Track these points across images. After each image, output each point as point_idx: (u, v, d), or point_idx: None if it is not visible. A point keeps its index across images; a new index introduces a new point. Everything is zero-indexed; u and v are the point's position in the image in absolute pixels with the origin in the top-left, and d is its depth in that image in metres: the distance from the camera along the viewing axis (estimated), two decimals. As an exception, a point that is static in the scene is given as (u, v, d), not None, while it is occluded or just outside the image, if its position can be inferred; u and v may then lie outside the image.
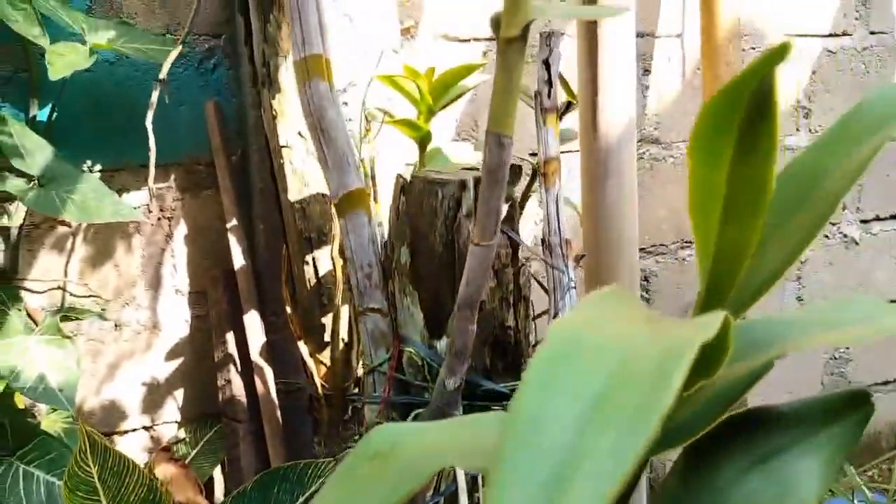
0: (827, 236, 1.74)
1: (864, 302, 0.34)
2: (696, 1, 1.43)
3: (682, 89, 1.56)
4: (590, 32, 0.94)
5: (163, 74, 1.09)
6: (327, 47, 0.75)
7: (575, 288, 0.80)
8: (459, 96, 1.10)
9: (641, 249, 1.60)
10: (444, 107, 1.10)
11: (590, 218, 0.99)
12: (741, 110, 0.31)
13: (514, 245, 0.69)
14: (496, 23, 0.40)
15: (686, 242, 1.62)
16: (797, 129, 1.68)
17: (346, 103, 1.29)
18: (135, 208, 1.23)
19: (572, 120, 1.06)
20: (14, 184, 0.99)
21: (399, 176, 0.75)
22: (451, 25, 1.37)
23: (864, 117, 0.34)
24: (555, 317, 0.78)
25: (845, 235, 1.76)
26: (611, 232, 0.98)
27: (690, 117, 1.54)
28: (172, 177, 1.25)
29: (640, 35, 1.51)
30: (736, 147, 0.32)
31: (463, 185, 0.67)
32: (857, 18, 1.66)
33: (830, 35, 1.65)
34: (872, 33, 1.68)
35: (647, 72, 1.53)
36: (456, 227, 0.66)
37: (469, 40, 1.40)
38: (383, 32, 1.21)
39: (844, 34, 1.66)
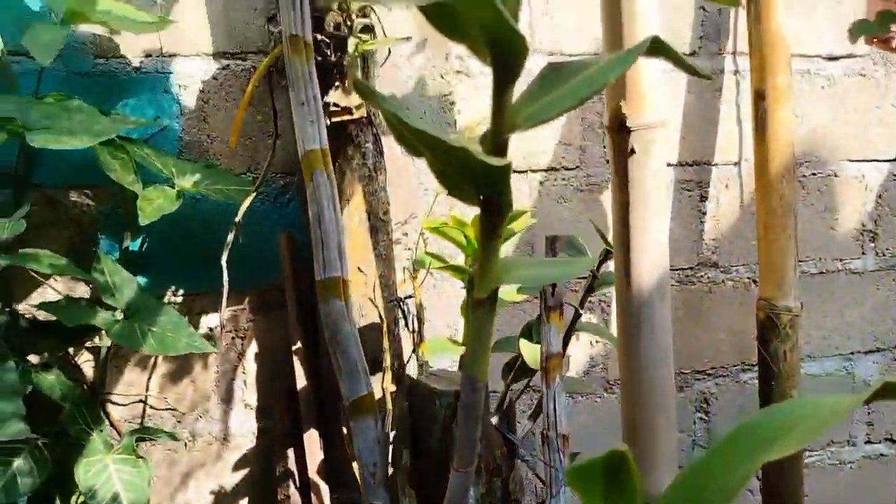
0: None
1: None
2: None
3: (741, 215, 1.58)
4: (621, 167, 1.00)
5: (239, 217, 1.21)
6: (345, 269, 0.84)
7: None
8: (506, 239, 1.17)
9: (701, 372, 1.61)
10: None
11: (625, 365, 1.03)
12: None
13: (510, 444, 0.74)
14: (470, 283, 0.47)
15: (747, 365, 1.61)
16: (863, 253, 1.66)
17: (405, 234, 1.38)
18: (211, 329, 1.35)
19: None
20: (103, 317, 1.11)
21: (407, 376, 0.82)
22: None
23: (744, 439, 0.38)
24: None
25: None
26: (645, 380, 1.02)
27: (750, 242, 1.56)
28: (247, 300, 1.36)
29: (696, 163, 1.55)
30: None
31: (458, 395, 0.74)
32: (924, 143, 1.66)
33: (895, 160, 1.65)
34: (942, 157, 1.67)
35: (703, 198, 1.56)
36: (450, 437, 0.72)
37: (525, 171, 1.47)
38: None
39: (911, 159, 1.65)
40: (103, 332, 1.22)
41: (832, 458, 1.71)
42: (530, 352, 0.99)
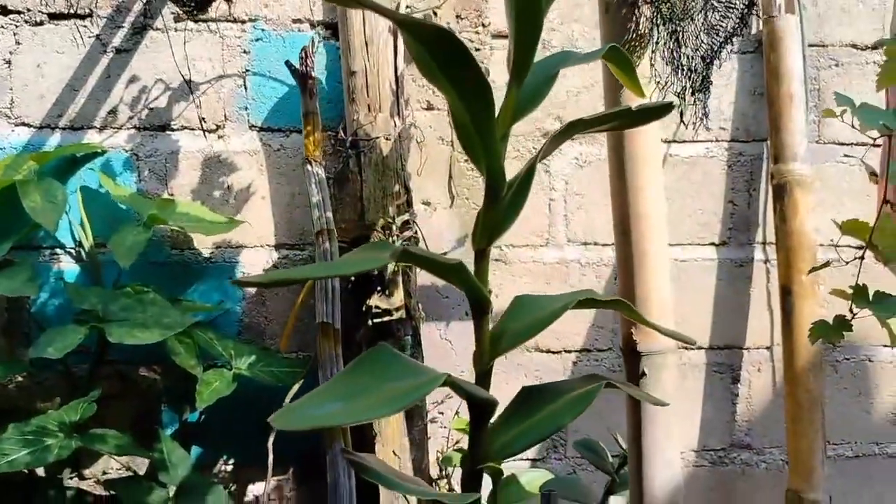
0: None
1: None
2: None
3: (773, 398, 1.62)
4: (633, 406, 1.07)
5: (288, 399, 1.32)
6: None
7: None
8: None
9: (734, 553, 1.62)
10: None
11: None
12: None
13: None
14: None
15: (782, 548, 1.61)
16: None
17: (441, 413, 1.46)
18: (256, 497, 1.44)
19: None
20: (157, 496, 1.22)
21: None
22: (542, 339, 1.54)
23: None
24: None
25: None
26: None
27: (782, 424, 1.59)
28: (290, 471, 1.45)
29: (728, 347, 1.61)
30: None
31: None
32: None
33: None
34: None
35: (735, 381, 1.61)
36: None
37: (560, 352, 1.55)
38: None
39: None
40: None
41: None
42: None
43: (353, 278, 1.21)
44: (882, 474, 1.66)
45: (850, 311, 0.89)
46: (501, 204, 0.55)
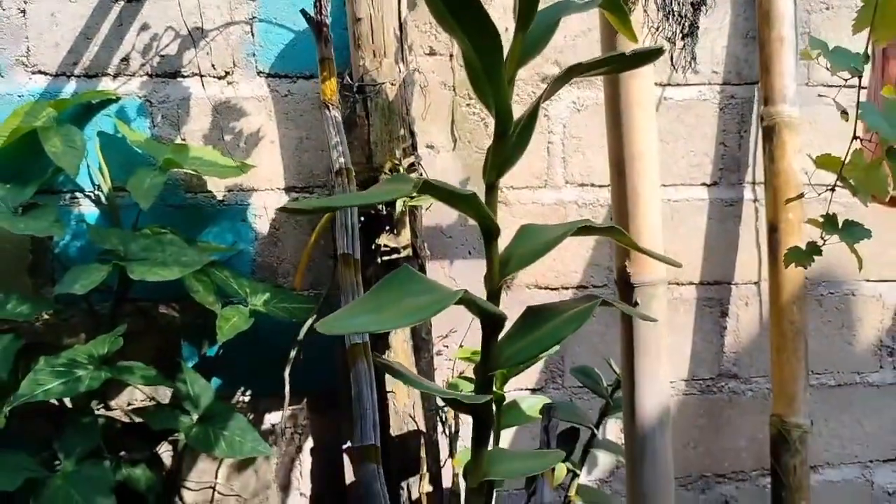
0: None
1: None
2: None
3: (760, 330, 1.70)
4: (626, 325, 1.15)
5: (301, 335, 1.40)
6: (377, 438, 1.01)
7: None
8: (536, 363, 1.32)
9: (721, 476, 1.72)
10: (517, 374, 1.33)
11: (630, 485, 1.17)
12: None
13: None
14: (465, 473, 0.63)
15: (766, 470, 1.71)
16: (881, 367, 1.76)
17: (446, 346, 1.55)
18: (273, 425, 1.53)
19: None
20: (182, 422, 1.31)
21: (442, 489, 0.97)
22: (541, 277, 1.62)
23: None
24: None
25: None
26: (647, 494, 1.16)
27: (767, 355, 1.67)
28: (305, 401, 1.54)
29: (717, 283, 1.69)
30: None
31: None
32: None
33: (911, 282, 1.75)
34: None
35: (724, 314, 1.69)
36: None
37: (558, 288, 1.63)
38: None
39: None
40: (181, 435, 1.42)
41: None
42: (549, 477, 1.14)
43: (362, 218, 1.28)
44: (862, 402, 1.76)
45: (821, 237, 0.97)
46: (509, 142, 0.61)
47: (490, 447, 0.65)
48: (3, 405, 1.27)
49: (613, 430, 1.65)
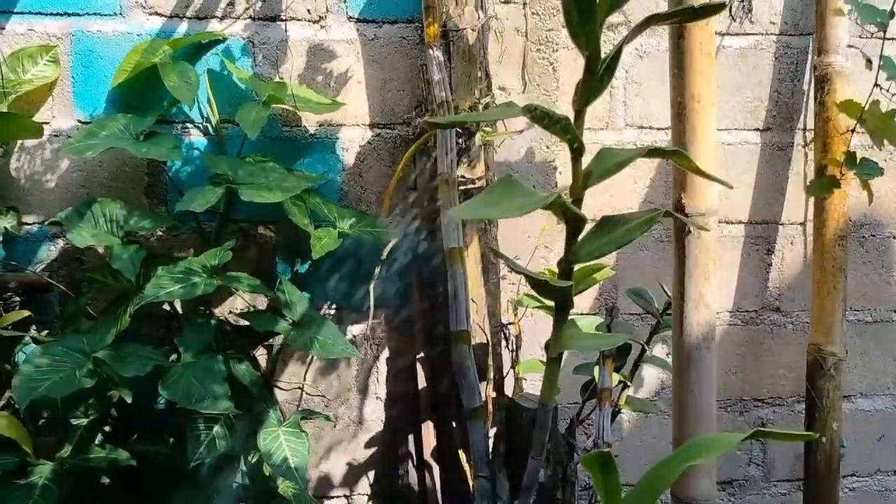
0: None
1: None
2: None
3: (803, 269, 1.83)
4: (679, 248, 1.29)
5: (383, 256, 1.57)
6: (469, 324, 1.18)
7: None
8: (589, 287, 1.48)
9: (759, 400, 1.87)
10: (580, 291, 1.49)
11: (677, 395, 1.33)
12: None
13: (572, 445, 1.07)
14: (547, 345, 0.79)
15: (801, 397, 1.85)
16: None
17: (510, 271, 1.70)
18: (355, 336, 1.72)
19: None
20: (282, 325, 1.49)
21: (505, 396, 1.14)
22: (599, 213, 1.76)
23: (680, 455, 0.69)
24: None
25: None
26: (691, 405, 1.31)
27: (809, 292, 1.80)
28: (383, 316, 1.72)
29: (765, 222, 1.81)
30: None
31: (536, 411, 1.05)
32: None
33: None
34: None
35: (770, 252, 1.82)
36: (530, 437, 1.03)
37: (616, 223, 1.77)
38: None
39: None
40: (278, 340, 1.61)
41: (878, 485, 1.93)
42: (610, 367, 1.31)
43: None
44: (896, 337, 1.88)
45: (840, 172, 1.09)
46: (596, 76, 0.75)
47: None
48: (128, 306, 1.47)
49: (660, 354, 1.80)
